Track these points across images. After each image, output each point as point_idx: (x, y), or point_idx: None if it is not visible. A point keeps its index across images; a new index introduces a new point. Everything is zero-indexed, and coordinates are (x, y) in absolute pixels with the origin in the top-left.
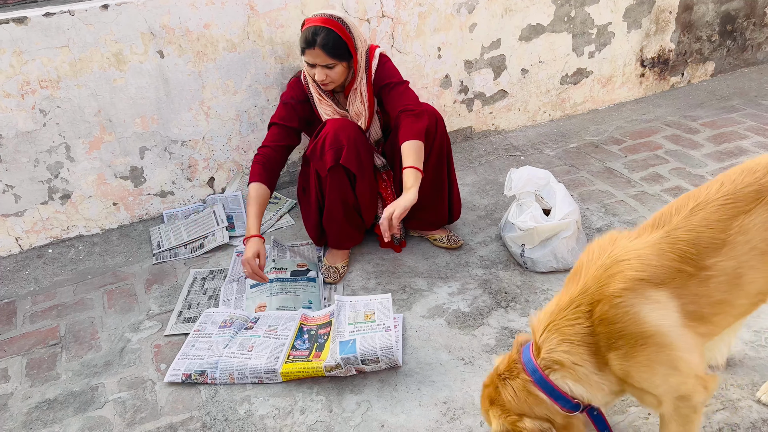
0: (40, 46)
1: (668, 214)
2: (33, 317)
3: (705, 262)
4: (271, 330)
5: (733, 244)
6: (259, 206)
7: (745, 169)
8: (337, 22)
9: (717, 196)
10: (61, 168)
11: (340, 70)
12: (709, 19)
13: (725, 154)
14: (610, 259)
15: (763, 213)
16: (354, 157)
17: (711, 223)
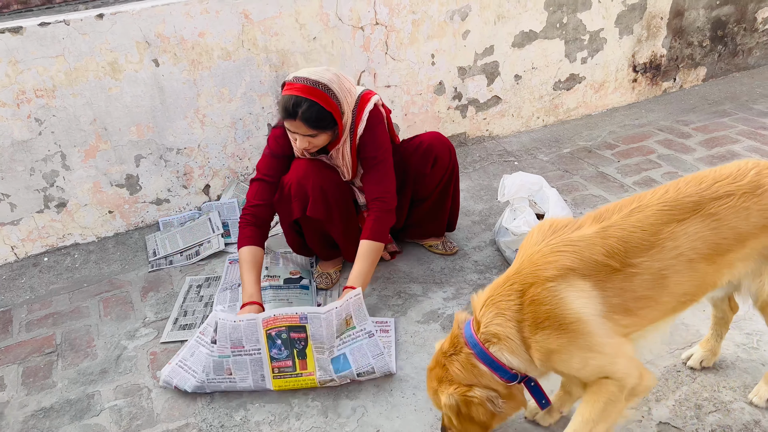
0: (35, 55)
1: (611, 211)
2: (29, 326)
3: (632, 260)
4: (236, 346)
5: (661, 248)
6: (256, 270)
7: (694, 178)
8: (322, 91)
9: (657, 202)
10: (57, 176)
11: (323, 138)
12: (700, 25)
13: (717, 158)
14: (548, 247)
15: (695, 224)
16: (321, 207)
17: (644, 226)
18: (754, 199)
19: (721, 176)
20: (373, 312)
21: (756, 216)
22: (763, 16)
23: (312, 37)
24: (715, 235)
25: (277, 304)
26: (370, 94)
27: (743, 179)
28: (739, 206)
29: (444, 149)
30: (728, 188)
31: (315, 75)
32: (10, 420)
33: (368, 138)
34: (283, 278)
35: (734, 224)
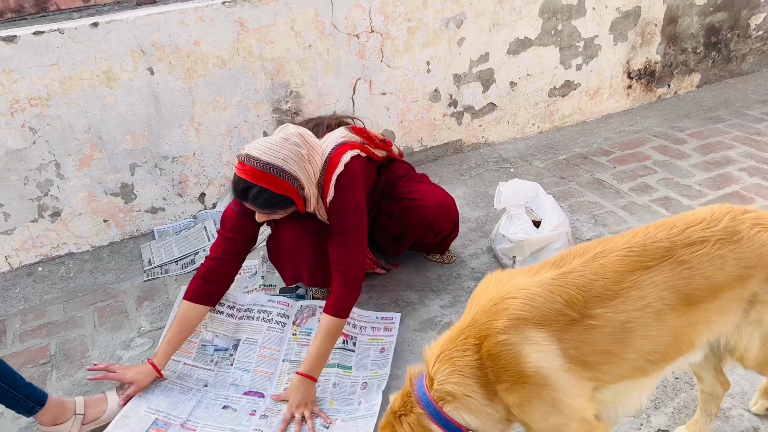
0: (29, 64)
1: (572, 255)
2: (23, 336)
3: (591, 311)
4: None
5: (624, 298)
6: (179, 332)
7: (665, 223)
8: (274, 175)
9: (623, 246)
10: (51, 185)
11: (282, 213)
12: (693, 32)
13: (712, 164)
14: (499, 295)
15: (665, 271)
16: (318, 274)
17: (607, 273)
18: (729, 246)
19: (694, 221)
20: None
21: (732, 265)
22: (756, 22)
23: (307, 45)
24: (687, 284)
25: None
26: (341, 151)
27: (717, 224)
28: (714, 253)
29: (448, 221)
30: (702, 234)
31: (267, 154)
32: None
33: (337, 202)
34: (279, 287)
35: (708, 273)
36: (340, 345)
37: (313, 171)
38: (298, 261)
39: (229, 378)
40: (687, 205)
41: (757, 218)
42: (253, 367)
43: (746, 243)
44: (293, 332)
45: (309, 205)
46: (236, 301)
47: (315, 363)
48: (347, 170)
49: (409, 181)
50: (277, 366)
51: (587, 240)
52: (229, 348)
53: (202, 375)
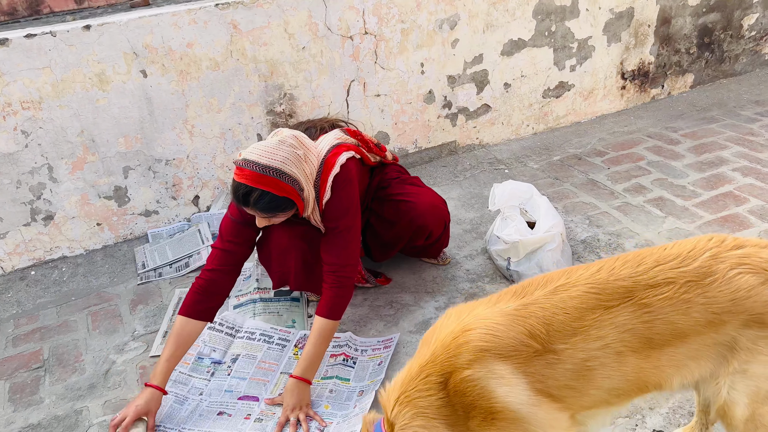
0: (21, 67)
1: (534, 285)
2: (16, 341)
3: (553, 345)
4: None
5: (585, 336)
6: (177, 347)
7: (635, 257)
8: (274, 178)
9: (586, 282)
10: (44, 189)
11: (283, 216)
12: (687, 32)
13: (706, 165)
14: (459, 327)
15: (625, 313)
16: (304, 279)
17: (567, 308)
18: (698, 290)
19: (666, 258)
20: (364, 322)
21: (698, 311)
22: (749, 22)
23: (301, 47)
24: (647, 329)
25: (268, 317)
26: (337, 153)
27: (691, 263)
28: (678, 298)
29: (439, 223)
30: (669, 274)
31: (265, 157)
32: None
33: (332, 204)
34: (274, 291)
35: (670, 318)
36: (340, 362)
37: (310, 171)
38: (286, 264)
39: (225, 385)
40: (681, 205)
41: (742, 257)
42: (250, 376)
43: (719, 286)
44: (294, 352)
45: (307, 208)
46: (236, 324)
47: (309, 365)
48: (343, 171)
49: (401, 184)
50: (274, 375)
51: (582, 241)
52: (227, 361)
53: (197, 384)
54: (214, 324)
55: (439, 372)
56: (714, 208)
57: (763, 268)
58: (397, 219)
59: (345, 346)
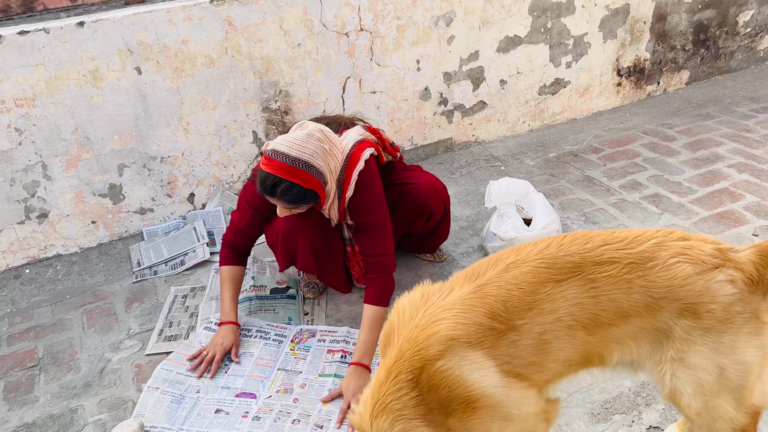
0: (15, 64)
1: (484, 266)
2: (10, 339)
3: (514, 322)
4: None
5: (539, 310)
6: (234, 288)
7: (583, 236)
8: (302, 170)
9: (535, 257)
10: (38, 187)
11: (305, 208)
12: (682, 29)
13: (701, 161)
14: (425, 319)
15: (573, 287)
16: (311, 261)
17: (521, 284)
18: (638, 272)
19: (613, 239)
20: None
21: (638, 292)
22: (744, 19)
23: (296, 44)
24: (594, 304)
25: (264, 314)
26: (361, 148)
27: (636, 247)
28: (620, 277)
29: (440, 204)
30: (613, 254)
31: (295, 149)
32: None
33: (360, 201)
34: (270, 288)
35: (614, 296)
36: (338, 359)
37: (334, 166)
38: (293, 244)
39: (222, 382)
40: (677, 202)
41: (684, 248)
42: (247, 373)
43: (658, 272)
44: (291, 348)
45: (327, 201)
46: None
47: (365, 351)
48: (367, 166)
49: (403, 170)
50: (271, 372)
51: None
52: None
53: (194, 382)
54: (210, 325)
55: (408, 369)
56: (709, 205)
57: (701, 260)
58: (399, 200)
59: (343, 341)
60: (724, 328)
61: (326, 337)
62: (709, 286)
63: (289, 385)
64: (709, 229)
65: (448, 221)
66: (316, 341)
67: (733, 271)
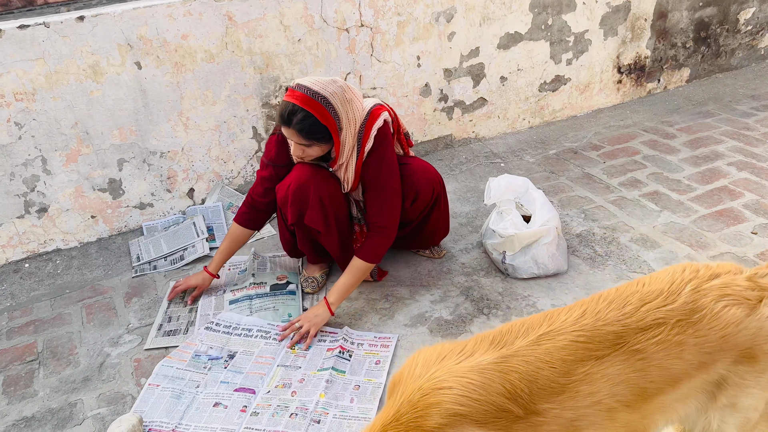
0: (14, 58)
1: (514, 333)
2: (9, 333)
3: (537, 406)
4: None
5: (573, 393)
6: (232, 244)
7: (618, 297)
8: (321, 104)
9: (572, 328)
10: (38, 181)
11: (317, 149)
12: (683, 26)
13: (701, 159)
14: (429, 383)
15: (617, 362)
16: (319, 216)
17: (554, 361)
18: (689, 329)
19: (650, 295)
20: (360, 316)
21: (691, 352)
22: (745, 17)
23: (296, 39)
24: (641, 377)
25: (264, 313)
26: (380, 109)
27: (676, 300)
28: (671, 340)
29: (427, 185)
30: (657, 314)
31: (317, 86)
32: None
33: (374, 159)
34: (270, 284)
35: (664, 364)
36: (336, 354)
37: (353, 117)
38: (304, 196)
39: (221, 377)
40: (676, 199)
41: (723, 288)
42: (247, 370)
43: (709, 323)
44: (291, 346)
45: (342, 153)
46: (232, 322)
47: (337, 292)
48: (385, 127)
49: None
50: (270, 369)
51: (577, 235)
52: (223, 357)
53: (194, 377)
54: (210, 325)
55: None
56: (709, 203)
57: (744, 298)
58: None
59: (341, 339)
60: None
61: (326, 338)
62: (761, 325)
63: (287, 380)
64: (708, 227)
65: (442, 213)
66: (316, 341)
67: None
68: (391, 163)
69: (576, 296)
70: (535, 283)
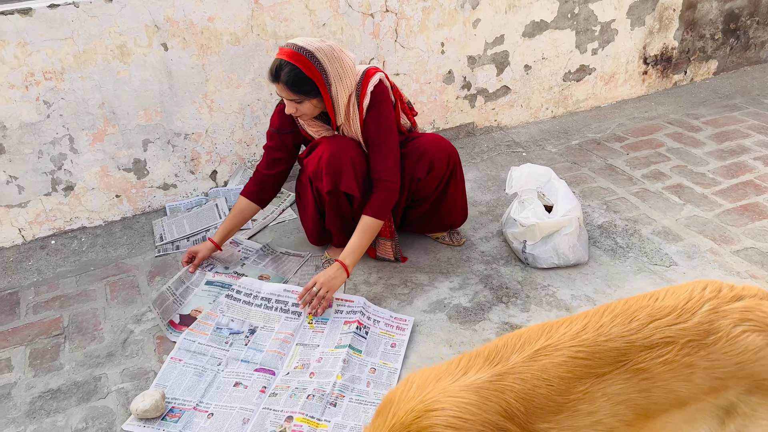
0: (44, 37)
1: (510, 348)
2: (36, 308)
3: (534, 426)
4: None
5: (572, 412)
6: (237, 218)
7: (625, 310)
8: (305, 57)
9: (570, 343)
10: (65, 160)
11: (309, 105)
12: (712, 17)
13: (727, 153)
14: (421, 405)
15: (618, 381)
16: (354, 182)
17: (551, 379)
18: (701, 351)
19: (661, 311)
20: (379, 300)
21: (701, 376)
22: None
23: (321, 24)
24: (645, 398)
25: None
26: (375, 70)
27: (690, 318)
28: (679, 361)
29: (442, 155)
30: (667, 332)
31: (303, 42)
32: (18, 401)
33: (372, 117)
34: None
35: (671, 385)
36: (353, 330)
37: (343, 74)
38: (338, 165)
39: (242, 355)
40: (700, 193)
41: (744, 311)
42: (267, 348)
43: (724, 347)
44: (308, 321)
45: (338, 113)
46: (253, 289)
47: (350, 252)
48: (381, 85)
49: (413, 137)
50: (289, 348)
51: (598, 226)
52: (244, 331)
53: (216, 353)
54: (231, 292)
55: None
56: (733, 197)
57: (767, 325)
58: (404, 154)
59: (359, 312)
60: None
61: (343, 308)
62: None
63: (306, 360)
64: (732, 221)
65: (459, 186)
66: (333, 312)
67: None
68: (389, 119)
69: (596, 287)
70: (555, 273)
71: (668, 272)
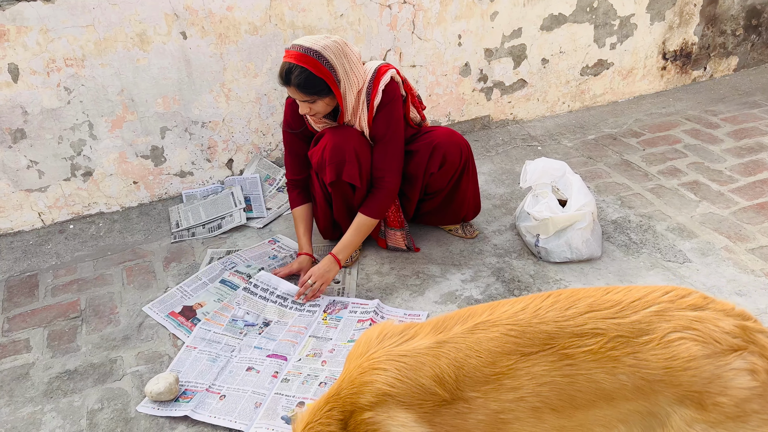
0: (66, 24)
1: (455, 319)
2: (54, 291)
3: (464, 393)
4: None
5: (497, 385)
6: (305, 224)
7: (562, 299)
8: (313, 58)
9: (507, 321)
10: (84, 145)
11: (322, 104)
12: (734, 13)
13: (745, 150)
14: (368, 362)
15: (543, 362)
16: (356, 172)
17: (482, 351)
18: (627, 348)
19: (602, 303)
20: (391, 291)
21: (626, 372)
22: None
23: (339, 14)
24: (568, 384)
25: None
26: (387, 67)
27: (629, 316)
28: (605, 354)
29: (454, 149)
30: (597, 324)
31: (309, 42)
32: (36, 381)
33: (382, 116)
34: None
35: (594, 376)
36: (367, 327)
37: (350, 69)
38: (341, 155)
39: (255, 342)
40: (716, 190)
41: (693, 320)
42: (280, 337)
43: (653, 349)
44: (323, 317)
45: (347, 109)
46: (270, 285)
47: (343, 248)
48: (392, 83)
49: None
50: (303, 338)
51: (612, 221)
52: (259, 323)
53: (230, 342)
54: (249, 285)
55: (341, 408)
56: (750, 195)
57: (714, 339)
58: (416, 149)
59: (372, 312)
60: (734, 427)
61: (357, 309)
62: (721, 373)
63: (318, 350)
64: (748, 219)
65: (471, 179)
66: (348, 313)
67: (756, 358)
68: (398, 119)
69: (608, 282)
70: (568, 268)
71: (681, 269)
